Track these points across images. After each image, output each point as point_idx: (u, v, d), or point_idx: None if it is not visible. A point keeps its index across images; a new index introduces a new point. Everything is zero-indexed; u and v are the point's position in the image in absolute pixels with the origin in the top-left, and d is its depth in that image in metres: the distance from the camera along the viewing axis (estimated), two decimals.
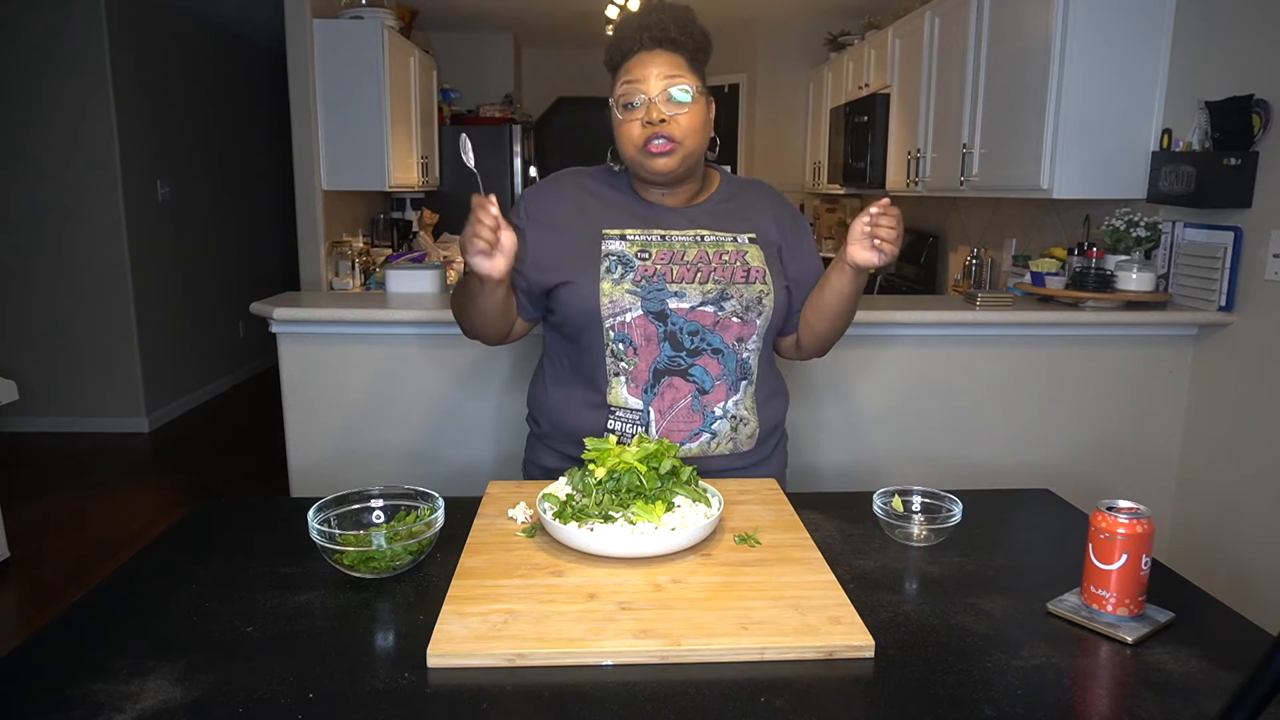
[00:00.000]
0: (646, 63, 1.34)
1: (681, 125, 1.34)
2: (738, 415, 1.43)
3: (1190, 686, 0.86)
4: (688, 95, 1.34)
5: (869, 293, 4.33)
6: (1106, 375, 2.51)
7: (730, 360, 1.40)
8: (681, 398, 1.39)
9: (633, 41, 1.36)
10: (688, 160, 1.37)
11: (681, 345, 1.38)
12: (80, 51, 4.48)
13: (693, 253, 1.40)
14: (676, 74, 1.34)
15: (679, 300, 1.37)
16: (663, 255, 1.39)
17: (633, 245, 1.40)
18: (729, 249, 1.42)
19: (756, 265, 1.42)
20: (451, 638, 0.90)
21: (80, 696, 0.83)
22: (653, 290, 1.37)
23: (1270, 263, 2.24)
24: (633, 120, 1.35)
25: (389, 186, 4.26)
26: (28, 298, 4.68)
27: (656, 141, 1.34)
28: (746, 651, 0.90)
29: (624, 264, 1.38)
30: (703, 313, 1.38)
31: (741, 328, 1.40)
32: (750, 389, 1.44)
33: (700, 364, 1.39)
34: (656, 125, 1.33)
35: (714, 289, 1.38)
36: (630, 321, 1.36)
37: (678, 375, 1.38)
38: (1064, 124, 2.61)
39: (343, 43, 4.04)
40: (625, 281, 1.37)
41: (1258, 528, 2.30)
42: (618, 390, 1.40)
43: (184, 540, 1.22)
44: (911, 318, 2.42)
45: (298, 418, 2.39)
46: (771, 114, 5.86)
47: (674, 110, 1.34)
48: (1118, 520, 0.97)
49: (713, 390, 1.40)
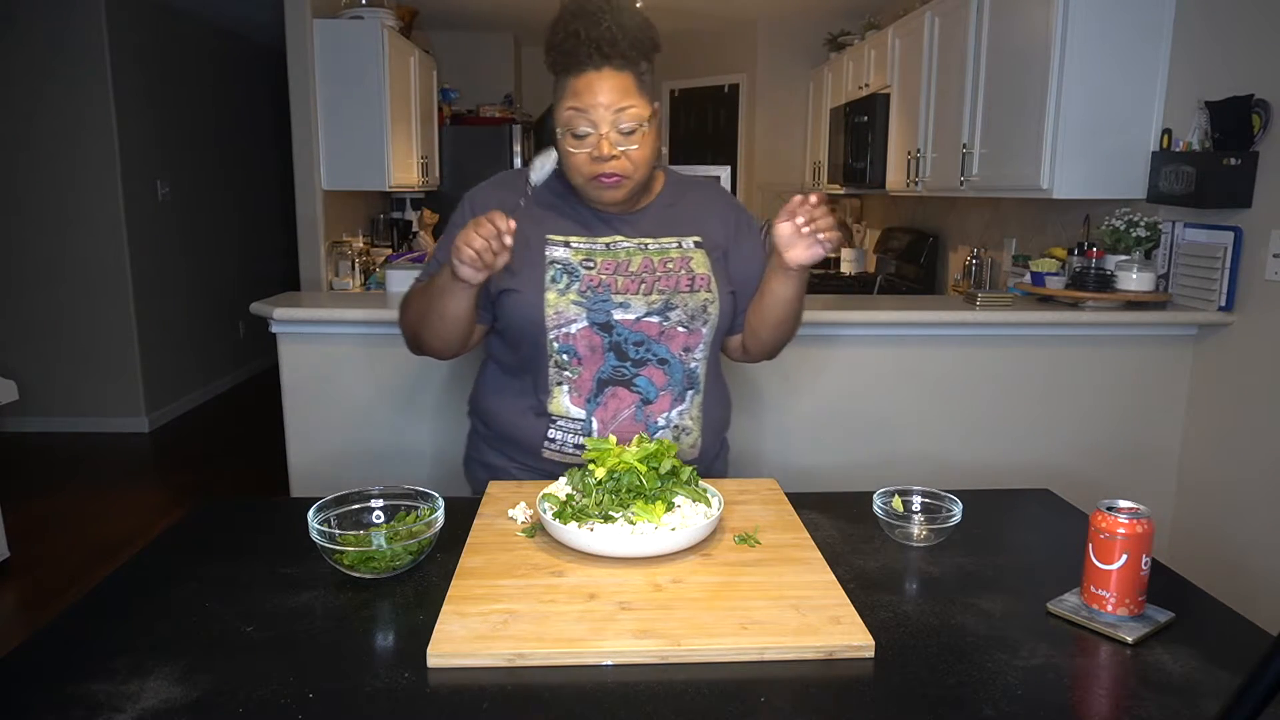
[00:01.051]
0: (595, 87, 1.26)
1: (633, 159, 1.30)
2: (681, 425, 1.42)
3: (1190, 686, 0.86)
4: (640, 128, 1.29)
5: (869, 293, 4.33)
6: (1106, 375, 2.51)
7: (676, 370, 1.39)
8: (625, 408, 1.38)
9: (581, 56, 1.27)
10: (634, 190, 1.35)
11: (626, 355, 1.37)
12: (80, 52, 4.47)
13: (637, 261, 1.38)
14: (627, 103, 1.27)
15: (624, 311, 1.35)
16: (608, 265, 1.37)
17: (577, 253, 1.37)
18: (674, 256, 1.40)
19: (701, 272, 1.40)
20: (451, 638, 0.90)
21: (80, 696, 0.83)
22: (598, 301, 1.35)
23: (1270, 263, 2.24)
24: (581, 151, 1.30)
25: (389, 186, 4.26)
26: (28, 298, 4.68)
27: (606, 178, 1.30)
28: (746, 651, 0.90)
29: (569, 273, 1.35)
30: (648, 323, 1.37)
31: (688, 337, 1.39)
32: (697, 398, 1.43)
33: (645, 374, 1.38)
34: (607, 161, 1.29)
35: (659, 299, 1.37)
36: (575, 333, 1.35)
37: (621, 385, 1.37)
38: (1064, 124, 2.61)
39: (343, 43, 4.04)
40: (571, 292, 1.34)
41: (1258, 528, 2.30)
42: (559, 399, 1.38)
43: (184, 540, 1.22)
44: (911, 318, 2.42)
45: (298, 418, 2.39)
46: (771, 114, 5.86)
47: (625, 144, 1.29)
48: (1118, 520, 0.97)
49: (656, 400, 1.39)
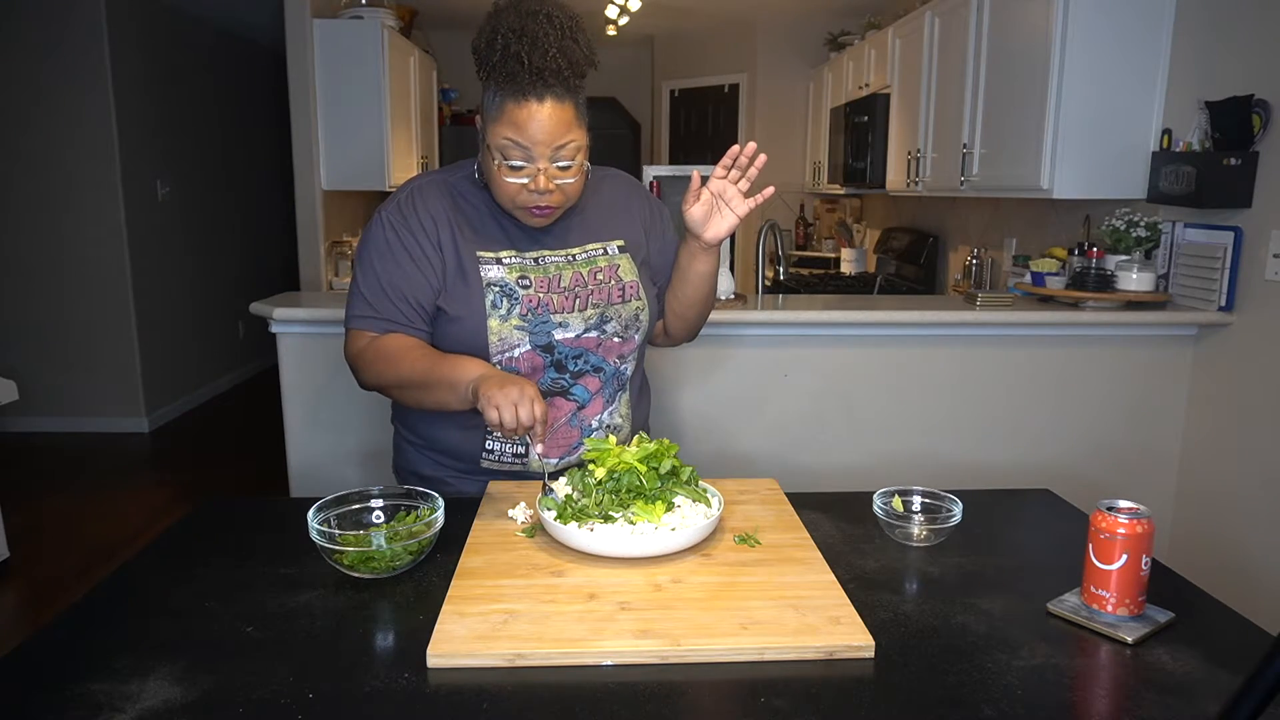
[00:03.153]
0: (537, 120, 1.22)
1: (567, 191, 1.29)
2: (612, 424, 1.44)
3: (1190, 686, 0.86)
4: (575, 161, 1.27)
5: (869, 293, 4.33)
6: (1106, 375, 2.51)
7: (610, 376, 1.42)
8: (561, 416, 1.39)
9: (523, 84, 1.21)
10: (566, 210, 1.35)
11: (566, 369, 1.38)
12: (80, 51, 4.47)
13: (568, 276, 1.37)
14: (568, 138, 1.25)
15: (564, 331, 1.36)
16: (542, 283, 1.35)
17: (511, 270, 1.34)
18: (601, 265, 1.40)
19: (630, 280, 1.41)
20: (451, 638, 0.90)
21: (80, 696, 0.83)
22: (539, 324, 1.34)
23: (1270, 263, 2.24)
24: (515, 182, 1.26)
25: (389, 186, 4.26)
26: (28, 297, 4.68)
27: (539, 210, 1.29)
28: (746, 651, 0.89)
29: (509, 296, 1.33)
30: (587, 339, 1.38)
31: (622, 346, 1.41)
32: (624, 397, 1.45)
33: (581, 383, 1.39)
34: (542, 195, 1.27)
35: (594, 314, 1.37)
36: (518, 356, 1.35)
37: (559, 395, 1.38)
38: (1064, 124, 2.61)
39: (343, 43, 4.04)
40: (513, 317, 1.33)
41: (1258, 528, 2.30)
42: None
43: (184, 540, 1.22)
44: (911, 318, 2.42)
45: (298, 418, 2.39)
46: (771, 114, 5.86)
47: (561, 178, 1.27)
48: (1118, 520, 0.97)
49: (589, 404, 1.41)
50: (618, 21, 4.99)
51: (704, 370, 2.47)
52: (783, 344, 2.45)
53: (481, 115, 1.29)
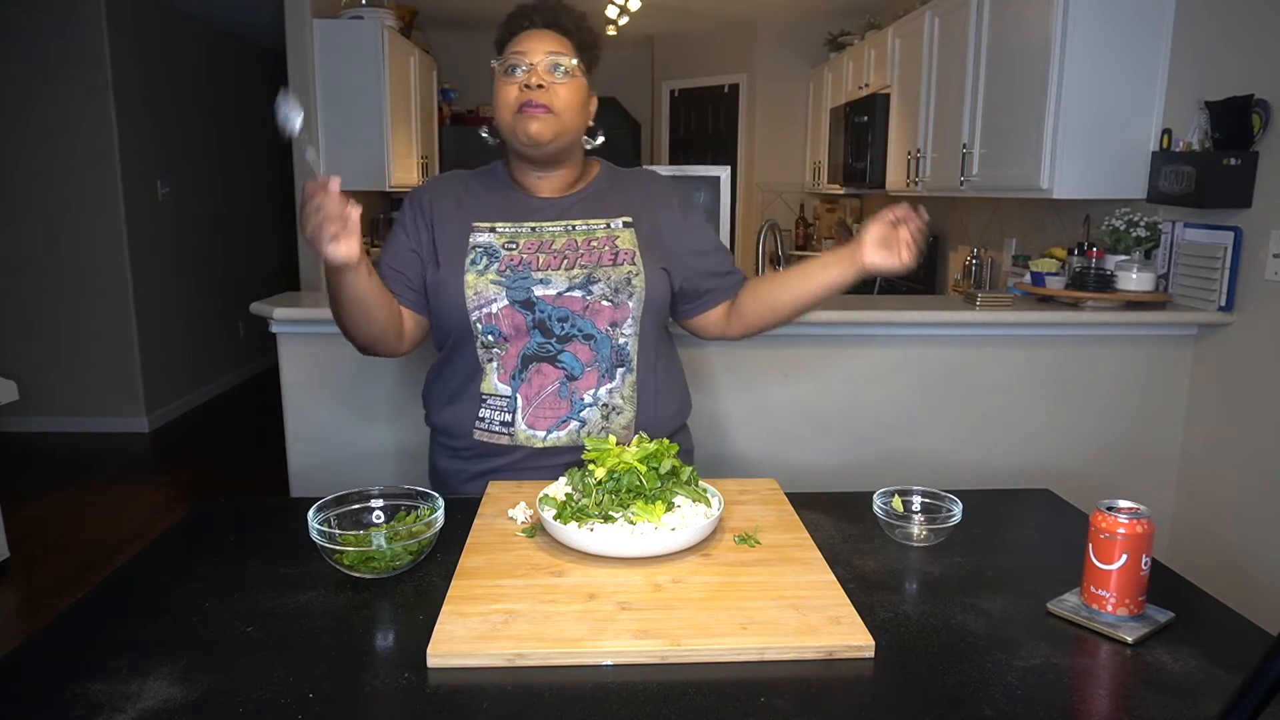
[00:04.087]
0: (534, 38, 1.37)
1: (560, 96, 1.36)
2: (610, 404, 1.41)
3: (1190, 686, 0.86)
4: (568, 71, 1.37)
5: (869, 293, 4.33)
6: (1106, 375, 2.51)
7: (604, 346, 1.39)
8: (549, 384, 1.38)
9: (523, 19, 1.39)
10: (562, 136, 1.37)
11: (551, 332, 1.37)
12: (80, 52, 4.47)
13: (561, 241, 1.40)
14: (561, 51, 1.37)
15: (545, 287, 1.37)
16: (530, 245, 1.39)
17: (501, 237, 1.40)
18: (600, 235, 1.41)
19: (626, 248, 1.41)
20: (451, 638, 0.90)
21: (80, 696, 0.83)
22: (518, 279, 1.36)
23: (1270, 263, 2.24)
24: (510, 84, 1.36)
25: (389, 186, 4.26)
26: (28, 297, 4.68)
27: (531, 107, 1.34)
28: (746, 651, 0.89)
29: (489, 255, 1.38)
30: (571, 298, 1.37)
31: (614, 312, 1.39)
32: (630, 377, 1.42)
33: (570, 350, 1.38)
34: (534, 90, 1.34)
35: (580, 274, 1.38)
36: (497, 312, 1.36)
37: (546, 362, 1.38)
38: (1064, 124, 2.61)
39: (343, 43, 4.04)
40: (490, 272, 1.37)
41: (1258, 528, 2.30)
42: (490, 378, 1.41)
43: (184, 540, 1.22)
44: (911, 318, 2.42)
45: (298, 418, 2.39)
46: (771, 114, 5.86)
47: (553, 80, 1.36)
48: (1118, 520, 0.97)
49: (582, 376, 1.39)
50: (618, 21, 4.99)
51: (704, 370, 2.47)
52: (783, 344, 2.45)
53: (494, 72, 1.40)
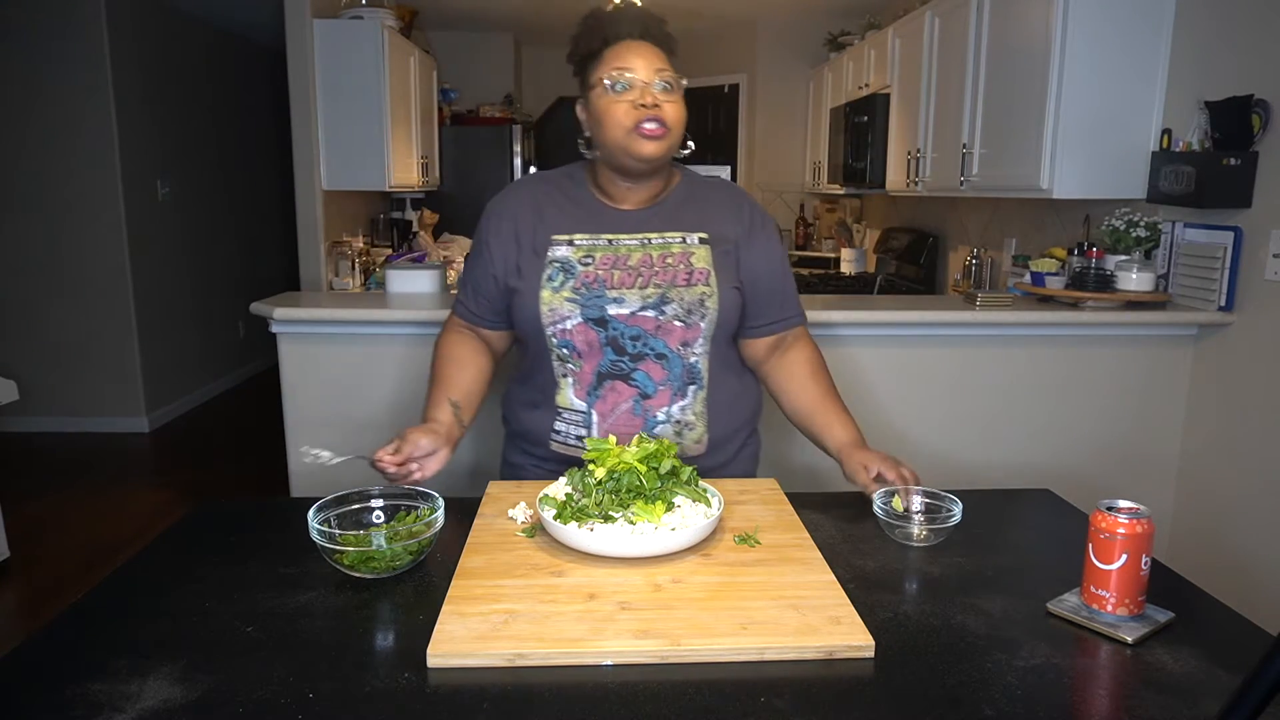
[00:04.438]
0: (636, 51, 1.35)
1: (670, 114, 1.35)
2: (683, 420, 1.42)
3: (1190, 686, 0.86)
4: (675, 87, 1.36)
5: (869, 293, 4.33)
6: (1106, 375, 2.51)
7: (675, 365, 1.40)
8: (623, 401, 1.39)
9: (618, 29, 1.36)
10: (670, 151, 1.38)
11: (624, 350, 1.38)
12: (80, 51, 4.47)
13: (637, 257, 1.39)
14: (665, 67, 1.36)
15: (618, 306, 1.37)
16: (606, 260, 1.38)
17: (578, 250, 1.39)
18: (675, 250, 1.40)
19: (701, 267, 1.40)
20: (451, 638, 0.90)
21: (80, 696, 0.83)
22: (592, 297, 1.36)
23: (1270, 263, 2.24)
24: (623, 102, 1.34)
25: (389, 186, 4.26)
26: (28, 297, 4.68)
27: (649, 125, 1.32)
28: (746, 651, 0.90)
29: (566, 271, 1.38)
30: (643, 318, 1.37)
31: (685, 332, 1.39)
32: (701, 394, 1.43)
33: (643, 369, 1.39)
34: (651, 109, 1.32)
35: (654, 293, 1.37)
36: (571, 329, 1.37)
37: (620, 379, 1.39)
38: (1064, 124, 2.61)
39: (343, 43, 4.04)
40: (565, 289, 1.37)
41: (1257, 528, 2.30)
42: (565, 392, 1.41)
43: (184, 540, 1.22)
44: (911, 318, 2.42)
45: (298, 418, 2.39)
46: (771, 114, 5.86)
47: (665, 99, 1.35)
48: (1118, 520, 0.97)
49: (655, 395, 1.40)
50: None
51: None
52: None
53: (581, 80, 1.42)
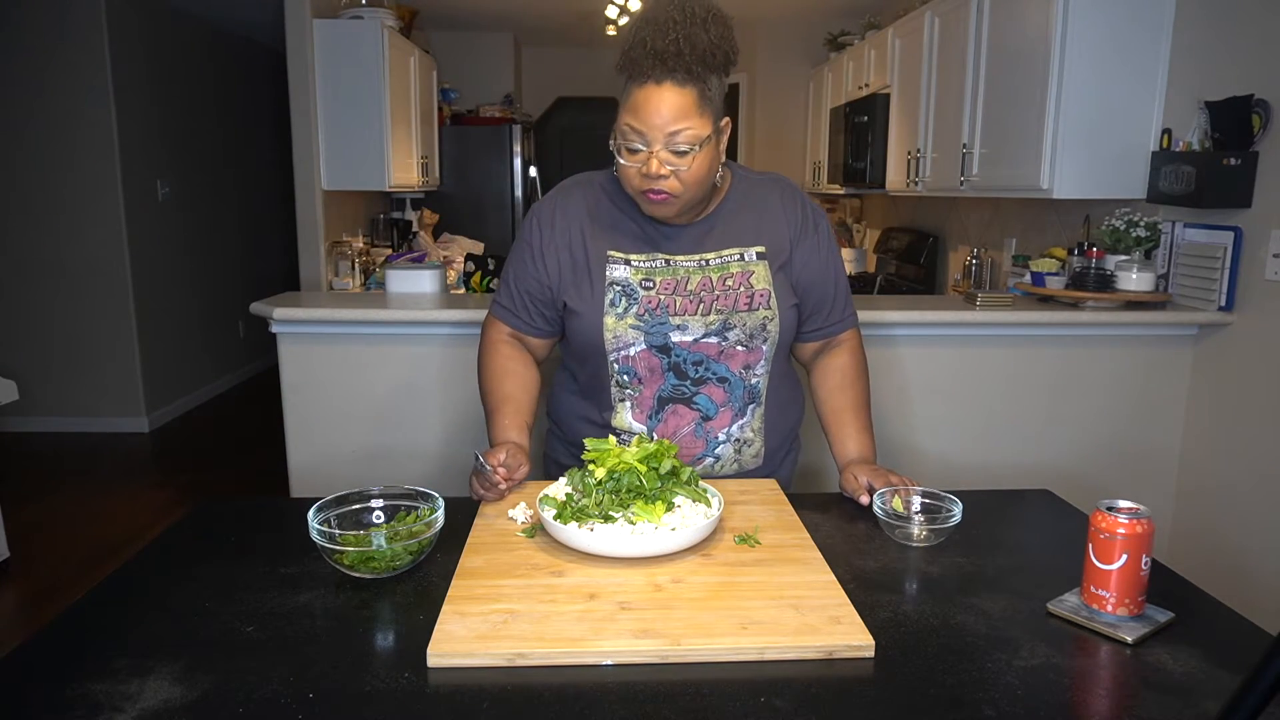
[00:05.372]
0: (653, 103, 1.23)
1: (682, 179, 1.26)
2: (742, 438, 1.42)
3: (1190, 686, 0.86)
4: (693, 149, 1.25)
5: (869, 293, 4.33)
6: (1106, 375, 2.51)
7: (737, 388, 1.39)
8: (685, 424, 1.39)
9: (645, 67, 1.23)
10: (687, 206, 1.32)
11: (686, 375, 1.37)
12: (80, 52, 4.47)
13: (696, 280, 1.36)
14: (684, 124, 1.23)
15: (682, 333, 1.35)
16: (666, 284, 1.36)
17: (637, 272, 1.36)
18: (734, 271, 1.37)
19: (761, 289, 1.37)
20: (451, 638, 0.90)
21: (80, 696, 0.83)
22: (656, 325, 1.35)
23: (1270, 263, 2.24)
24: (631, 166, 1.28)
25: (389, 186, 4.26)
26: (28, 297, 4.68)
27: (654, 194, 1.28)
28: (746, 651, 0.90)
29: (628, 295, 1.35)
30: (706, 344, 1.36)
31: (748, 355, 1.38)
32: (759, 410, 1.43)
33: (705, 392, 1.38)
34: (654, 180, 1.26)
35: (716, 320, 1.36)
36: (634, 355, 1.36)
37: (681, 403, 1.38)
38: (1064, 124, 2.61)
39: (343, 43, 4.04)
40: (629, 316, 1.35)
41: (1257, 528, 2.30)
42: (623, 415, 1.40)
43: (184, 540, 1.22)
44: (911, 318, 2.42)
45: (298, 418, 2.39)
46: (771, 114, 5.86)
47: (676, 165, 1.25)
48: (1118, 520, 0.97)
49: (716, 416, 1.39)
50: (618, 21, 4.98)
51: None
52: None
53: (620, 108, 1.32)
